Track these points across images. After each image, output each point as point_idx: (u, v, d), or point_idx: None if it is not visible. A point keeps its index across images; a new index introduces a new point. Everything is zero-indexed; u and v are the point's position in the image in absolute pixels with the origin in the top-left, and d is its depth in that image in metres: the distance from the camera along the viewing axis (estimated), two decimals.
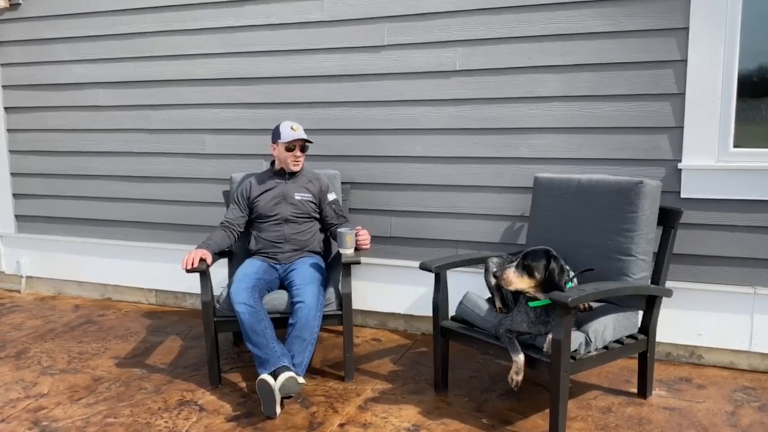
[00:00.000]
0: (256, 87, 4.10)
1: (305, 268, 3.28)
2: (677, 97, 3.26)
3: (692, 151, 3.26)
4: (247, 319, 3.00)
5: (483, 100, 3.63)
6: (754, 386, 3.17)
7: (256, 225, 3.48)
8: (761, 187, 3.18)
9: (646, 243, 2.90)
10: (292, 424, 2.83)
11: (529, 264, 2.64)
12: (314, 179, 3.51)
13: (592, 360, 2.71)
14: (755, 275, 3.26)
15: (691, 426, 2.77)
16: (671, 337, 3.42)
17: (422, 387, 3.21)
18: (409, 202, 3.89)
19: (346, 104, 3.91)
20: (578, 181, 3.15)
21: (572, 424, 2.79)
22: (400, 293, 4.00)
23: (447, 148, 3.75)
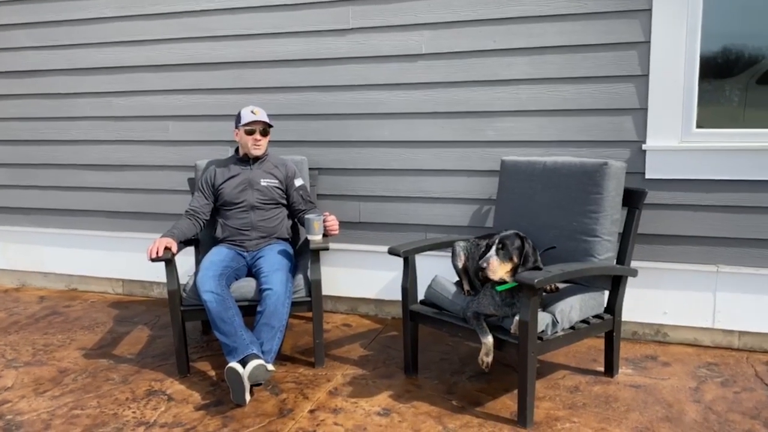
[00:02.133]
0: (220, 72, 4.03)
1: (273, 255, 3.25)
2: (641, 79, 3.29)
3: (656, 132, 3.29)
4: (215, 307, 2.97)
5: (450, 84, 3.62)
6: (717, 362, 3.24)
7: (222, 212, 3.43)
8: (723, 167, 3.23)
9: (611, 224, 2.93)
10: (262, 411, 2.82)
11: (508, 250, 2.66)
12: (280, 165, 3.48)
13: (559, 340, 2.74)
14: (718, 254, 3.32)
15: (656, 403, 2.82)
16: (637, 316, 3.48)
17: (392, 371, 3.21)
18: (377, 187, 3.88)
19: (312, 89, 3.87)
20: (544, 163, 3.17)
21: (540, 404, 2.82)
22: (370, 278, 4.00)
23: (415, 132, 3.74)
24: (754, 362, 3.22)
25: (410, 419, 2.72)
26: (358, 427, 2.66)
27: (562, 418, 2.70)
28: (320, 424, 2.69)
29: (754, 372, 3.11)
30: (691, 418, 2.68)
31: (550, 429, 2.61)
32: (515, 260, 2.67)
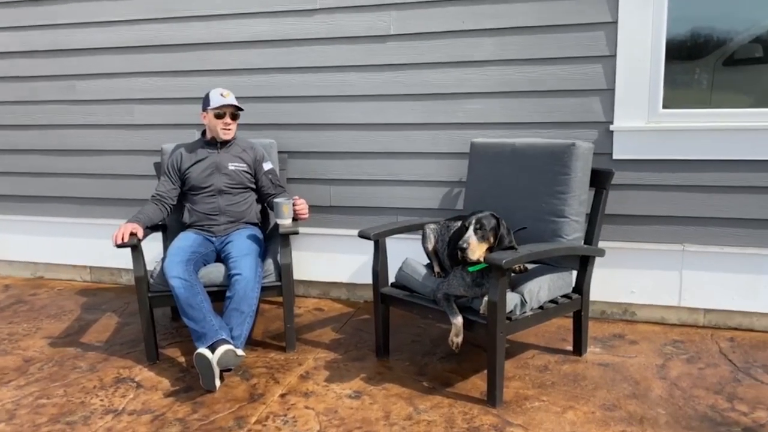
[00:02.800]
0: (185, 54, 3.95)
1: (242, 240, 3.21)
2: (608, 60, 3.30)
3: (623, 112, 3.31)
4: (183, 293, 2.93)
5: (419, 65, 3.59)
6: (683, 339, 3.29)
7: (189, 197, 3.38)
8: (689, 146, 3.26)
9: (578, 204, 2.95)
10: (232, 396, 2.80)
11: (485, 230, 2.66)
12: (248, 148, 3.43)
13: (528, 320, 2.77)
14: (684, 233, 3.37)
15: (623, 380, 2.87)
16: (605, 295, 3.52)
17: (364, 354, 3.21)
18: (348, 170, 3.85)
19: (279, 70, 3.81)
20: (513, 145, 3.17)
21: (510, 383, 2.85)
22: (342, 262, 3.98)
23: (384, 114, 3.72)
24: (718, 339, 3.29)
25: (381, 401, 2.73)
26: (330, 410, 2.66)
27: (531, 397, 2.73)
28: (291, 408, 2.68)
29: (718, 348, 3.17)
30: (657, 394, 2.73)
31: (520, 408, 2.64)
32: (491, 240, 2.68)
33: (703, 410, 2.59)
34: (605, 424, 2.50)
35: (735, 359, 3.05)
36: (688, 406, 2.63)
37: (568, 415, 2.58)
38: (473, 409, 2.64)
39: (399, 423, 2.55)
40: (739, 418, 2.53)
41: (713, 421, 2.50)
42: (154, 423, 2.60)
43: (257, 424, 2.56)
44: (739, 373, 2.91)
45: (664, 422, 2.51)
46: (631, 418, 2.54)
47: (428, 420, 2.56)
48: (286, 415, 2.64)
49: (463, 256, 2.64)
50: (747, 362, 3.01)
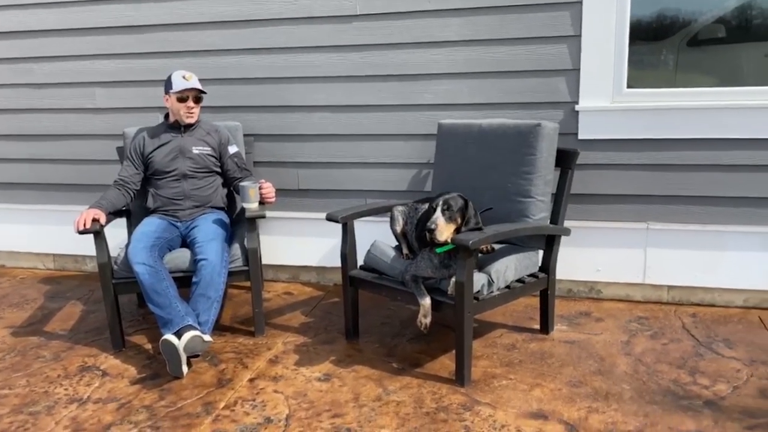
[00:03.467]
0: (147, 35, 3.86)
1: (208, 225, 3.17)
2: (574, 40, 3.31)
3: (588, 92, 3.33)
4: (147, 279, 2.89)
5: (386, 46, 3.56)
6: (648, 316, 3.35)
7: (153, 182, 3.32)
8: (653, 126, 3.30)
9: (544, 184, 2.97)
10: (200, 382, 2.78)
11: (453, 211, 2.66)
12: (213, 132, 3.37)
13: (495, 300, 2.79)
14: (648, 211, 3.42)
15: (589, 357, 2.91)
16: (571, 274, 3.56)
17: (334, 336, 3.21)
18: (315, 153, 3.82)
19: (243, 52, 3.75)
20: (480, 126, 3.17)
21: (478, 362, 2.87)
22: (312, 246, 3.96)
23: (352, 96, 3.68)
24: (681, 315, 3.35)
25: (351, 383, 2.73)
26: (299, 394, 2.65)
27: (499, 376, 2.76)
28: (260, 393, 2.67)
29: (681, 324, 3.24)
30: (622, 370, 2.78)
31: (488, 387, 2.67)
32: (458, 221, 2.68)
33: (666, 385, 2.64)
34: (571, 401, 2.54)
35: (697, 334, 3.11)
36: (652, 381, 2.68)
37: (535, 392, 2.62)
38: (442, 389, 2.66)
39: (368, 404, 2.55)
40: (701, 391, 2.59)
41: (676, 395, 2.56)
42: (120, 411, 2.56)
43: (226, 410, 2.55)
44: (701, 347, 2.97)
45: (628, 397, 2.55)
46: (596, 394, 2.58)
47: (397, 401, 2.58)
48: (254, 399, 2.62)
49: (431, 238, 2.63)
50: (709, 337, 3.08)
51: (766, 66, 3.41)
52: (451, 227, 2.66)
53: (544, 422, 2.39)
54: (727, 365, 2.79)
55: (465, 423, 2.40)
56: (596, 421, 2.39)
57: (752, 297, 3.41)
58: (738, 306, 3.43)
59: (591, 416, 2.43)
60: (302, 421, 2.45)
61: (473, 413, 2.47)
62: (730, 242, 3.34)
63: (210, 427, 2.43)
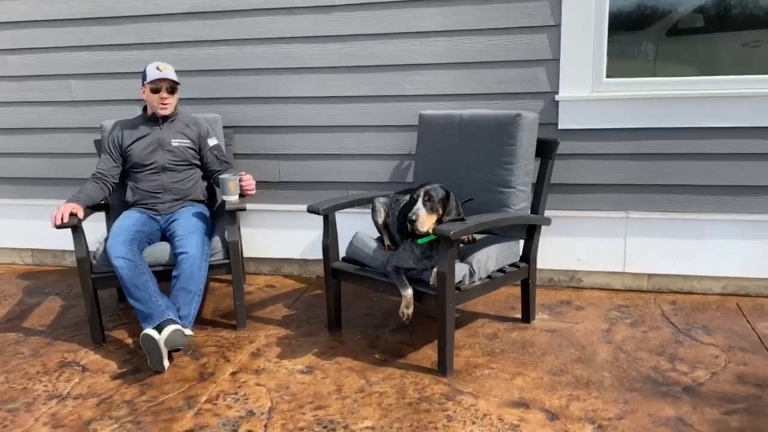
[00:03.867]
0: (124, 27, 3.81)
1: (187, 218, 3.14)
2: (553, 29, 3.31)
3: (568, 82, 3.34)
4: (127, 273, 2.86)
5: (365, 36, 3.54)
6: (628, 304, 3.39)
7: (131, 175, 3.28)
8: (632, 115, 3.31)
9: (525, 174, 2.98)
10: (181, 376, 2.76)
11: (434, 201, 2.66)
12: (192, 124, 3.34)
13: (477, 290, 2.79)
14: (627, 200, 3.44)
15: (570, 345, 2.93)
16: (552, 263, 3.58)
17: (316, 329, 3.21)
18: (296, 144, 3.80)
19: (222, 43, 3.71)
20: (460, 116, 3.17)
21: (460, 352, 2.88)
22: (294, 238, 3.95)
23: (332, 87, 3.66)
24: (661, 302, 3.39)
25: (333, 375, 2.73)
26: (281, 386, 2.65)
27: (481, 365, 2.77)
28: (242, 386, 2.66)
29: (661, 312, 3.27)
30: (603, 358, 2.80)
31: (470, 376, 2.68)
32: (440, 212, 2.68)
33: (646, 372, 2.67)
34: (553, 389, 2.56)
35: (676, 321, 3.15)
36: (632, 368, 2.70)
37: (517, 381, 2.63)
38: (424, 379, 2.67)
39: (351, 396, 2.56)
40: (680, 377, 2.62)
41: (655, 382, 2.59)
42: (100, 406, 2.54)
43: (207, 403, 2.54)
44: (680, 334, 3.01)
45: (609, 385, 2.58)
46: (577, 382, 2.60)
47: (380, 392, 2.58)
48: (237, 393, 2.61)
49: (413, 228, 2.63)
50: (688, 324, 3.11)
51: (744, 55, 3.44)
52: (432, 218, 2.66)
53: (525, 411, 2.41)
54: (706, 352, 2.83)
55: (447, 413, 2.41)
56: (577, 409, 2.41)
57: (730, 284, 3.45)
58: (716, 293, 3.47)
59: (572, 404, 2.45)
60: (285, 414, 2.44)
61: (455, 403, 2.48)
62: (708, 230, 3.38)
63: (192, 421, 2.42)
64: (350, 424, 2.36)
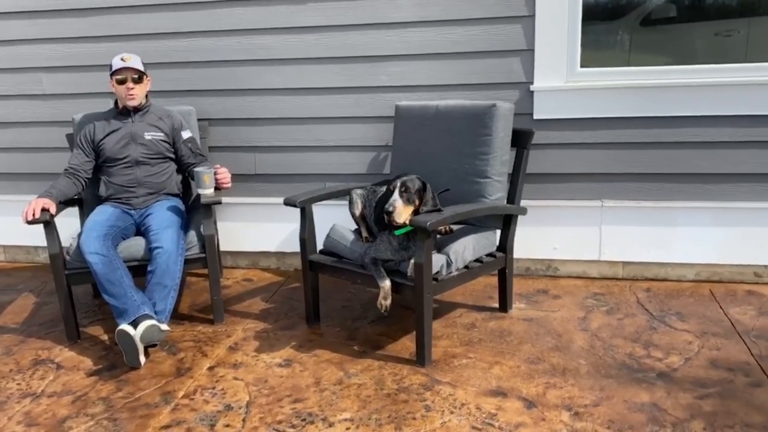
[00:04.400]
0: (94, 19, 3.74)
1: (162, 212, 3.11)
2: (528, 20, 3.32)
3: (543, 72, 3.35)
4: (101, 269, 2.83)
5: (340, 27, 3.52)
6: (603, 292, 3.42)
7: (104, 169, 3.24)
8: (607, 105, 3.34)
9: (500, 165, 2.99)
10: (158, 372, 2.74)
11: (410, 193, 2.66)
12: (165, 117, 3.30)
13: (454, 280, 2.81)
14: (602, 189, 3.47)
15: (547, 334, 2.96)
16: (529, 252, 3.61)
17: (294, 322, 3.20)
18: (272, 137, 3.77)
19: (195, 34, 3.67)
20: (436, 107, 3.17)
21: (438, 342, 2.89)
22: (271, 231, 3.93)
23: (307, 78, 3.64)
24: (636, 290, 3.43)
25: (312, 367, 2.73)
26: (259, 380, 2.64)
27: (459, 355, 2.78)
28: (220, 380, 2.65)
29: (636, 299, 3.31)
30: (579, 345, 2.83)
31: (448, 366, 2.69)
32: (417, 203, 2.68)
33: (621, 359, 2.70)
34: (530, 377, 2.58)
35: (651, 308, 3.19)
36: (608, 355, 2.74)
37: (495, 370, 2.65)
38: (403, 370, 2.67)
39: (329, 388, 2.55)
40: (654, 364, 2.65)
41: (631, 369, 2.62)
42: (75, 404, 2.51)
43: (185, 399, 2.52)
44: (654, 321, 3.05)
45: (585, 372, 2.61)
46: (554, 370, 2.63)
47: (358, 383, 2.58)
48: (214, 387, 2.60)
49: (390, 220, 2.63)
50: (662, 311, 3.16)
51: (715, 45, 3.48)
52: (409, 209, 2.67)
53: (503, 399, 2.43)
54: (680, 338, 2.87)
55: (425, 403, 2.42)
56: (554, 397, 2.43)
57: (703, 271, 3.50)
58: (690, 280, 3.52)
59: (549, 392, 2.47)
60: (263, 408, 2.43)
61: (434, 393, 2.49)
62: (681, 218, 3.42)
63: (169, 417, 2.40)
64: (329, 416, 2.36)
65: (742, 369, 2.58)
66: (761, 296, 3.28)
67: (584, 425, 2.25)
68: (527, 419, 2.30)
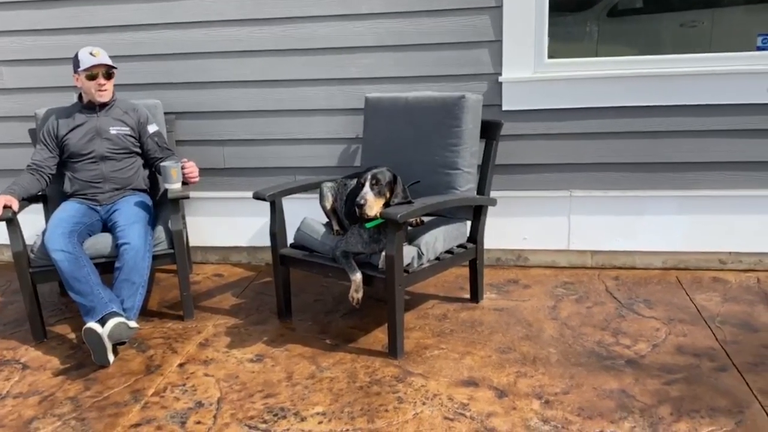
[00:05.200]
0: (56, 11, 3.65)
1: (129, 208, 3.06)
2: (496, 11, 3.32)
3: (511, 64, 3.36)
4: (67, 266, 2.77)
5: (308, 19, 3.49)
6: (573, 281, 3.46)
7: (69, 165, 3.17)
8: (573, 95, 3.36)
9: (470, 156, 3.00)
10: (127, 370, 2.70)
11: (381, 185, 2.66)
12: (131, 110, 3.24)
13: (425, 271, 2.81)
14: (570, 179, 3.51)
15: (517, 323, 2.98)
16: (500, 243, 3.63)
17: (266, 317, 3.18)
18: (241, 129, 3.73)
19: (161, 26, 3.60)
20: (406, 99, 3.17)
21: (410, 334, 2.90)
22: (241, 225, 3.89)
23: (276, 70, 3.61)
24: (604, 278, 3.48)
25: (284, 362, 2.71)
26: (230, 376, 2.62)
27: (431, 346, 2.79)
28: (190, 377, 2.62)
29: (604, 287, 3.36)
30: (549, 334, 2.86)
31: (420, 357, 2.70)
32: (387, 195, 2.68)
33: (590, 346, 2.74)
34: (501, 367, 2.60)
35: (619, 296, 3.24)
36: (577, 343, 2.77)
37: (466, 360, 2.67)
38: (375, 362, 2.67)
39: (302, 382, 2.55)
40: (623, 351, 2.69)
41: (599, 356, 2.66)
42: (42, 404, 2.47)
43: (155, 396, 2.49)
44: (623, 309, 3.09)
45: (555, 360, 2.63)
46: (525, 359, 2.65)
47: (331, 377, 2.58)
48: (185, 384, 2.57)
49: (361, 213, 2.63)
50: (630, 299, 3.21)
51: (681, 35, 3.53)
52: (380, 202, 2.66)
53: (474, 389, 2.45)
54: (647, 325, 2.92)
55: (398, 395, 2.43)
56: (524, 385, 2.46)
57: (670, 258, 3.56)
58: (657, 267, 3.58)
59: (519, 381, 2.49)
60: (234, 404, 2.42)
61: (406, 384, 2.50)
62: (648, 207, 3.47)
63: (139, 415, 2.37)
64: (301, 410, 2.35)
65: (708, 354, 2.63)
66: (726, 282, 3.35)
67: (554, 413, 2.27)
68: (498, 408, 2.32)
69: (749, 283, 3.33)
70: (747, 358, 2.58)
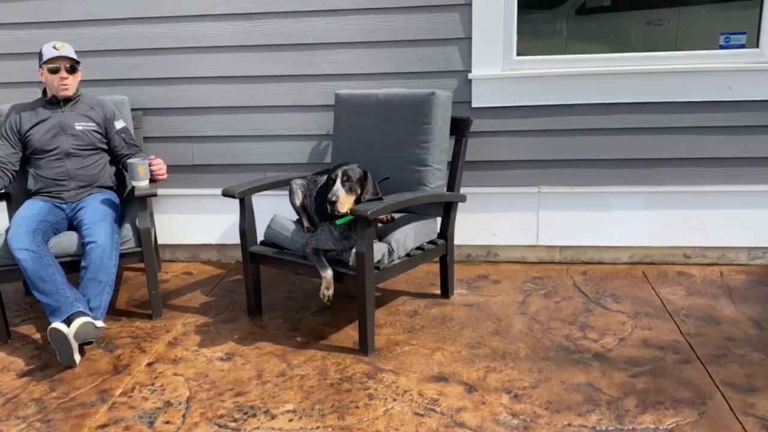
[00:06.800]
0: (18, 5, 3.57)
1: (95, 205, 3.01)
2: (465, 8, 3.34)
3: (480, 61, 3.39)
4: (31, 266, 2.72)
5: (279, 14, 3.47)
6: (541, 276, 3.50)
7: (33, 162, 3.11)
8: (542, 92, 3.40)
9: (440, 153, 3.01)
10: (94, 370, 2.66)
11: (352, 182, 2.66)
12: (97, 106, 3.19)
13: (396, 268, 2.82)
14: (539, 176, 3.55)
15: (487, 318, 3.01)
16: (469, 239, 3.66)
17: (236, 315, 3.16)
18: (210, 126, 3.69)
19: (128, 21, 3.55)
20: (376, 96, 3.17)
21: (381, 331, 2.91)
22: (211, 223, 3.86)
23: (246, 66, 3.58)
24: (572, 273, 3.52)
25: (254, 360, 2.70)
26: (200, 375, 2.60)
27: (402, 342, 2.81)
28: (159, 377, 2.59)
29: (572, 282, 3.40)
30: (518, 329, 2.89)
31: (391, 353, 2.71)
32: (358, 192, 2.68)
33: (558, 341, 2.78)
34: (471, 362, 2.62)
35: (587, 291, 3.28)
36: (546, 338, 2.81)
37: (437, 356, 2.68)
38: (346, 359, 2.68)
39: (272, 380, 2.54)
40: (590, 345, 2.74)
41: (567, 350, 2.69)
42: (6, 407, 2.42)
43: (122, 396, 2.46)
44: (590, 303, 3.14)
45: (524, 355, 2.67)
46: (494, 354, 2.68)
47: (301, 374, 2.57)
48: (153, 384, 2.54)
49: (333, 210, 2.62)
50: (597, 293, 3.25)
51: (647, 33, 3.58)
52: (351, 198, 2.66)
53: (444, 384, 2.46)
54: (614, 319, 2.97)
55: (368, 391, 2.43)
56: (494, 380, 2.48)
57: (636, 253, 3.63)
58: (624, 262, 3.64)
59: (489, 375, 2.52)
60: (204, 403, 2.40)
61: (376, 381, 2.50)
62: (615, 202, 3.53)
63: (106, 416, 2.34)
64: (271, 408, 2.35)
65: (672, 347, 2.69)
66: (690, 276, 3.42)
67: (523, 407, 2.30)
68: (468, 403, 2.34)
69: (713, 276, 3.41)
70: (710, 351, 2.64)
